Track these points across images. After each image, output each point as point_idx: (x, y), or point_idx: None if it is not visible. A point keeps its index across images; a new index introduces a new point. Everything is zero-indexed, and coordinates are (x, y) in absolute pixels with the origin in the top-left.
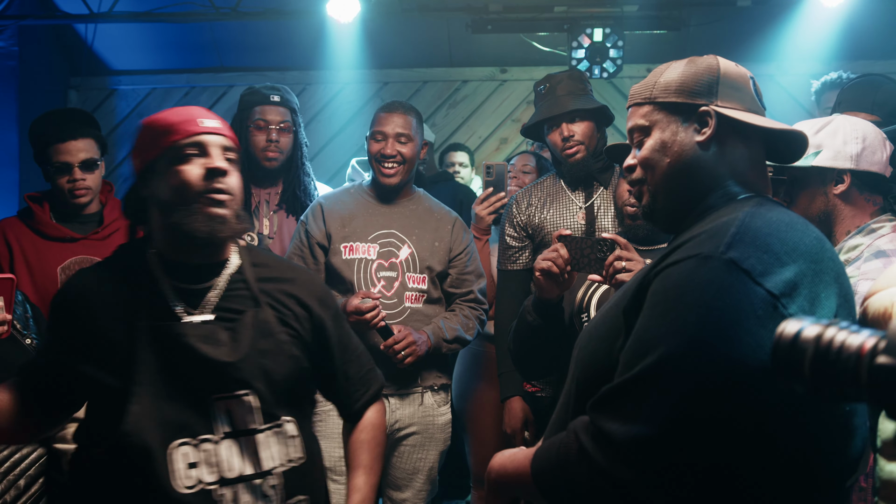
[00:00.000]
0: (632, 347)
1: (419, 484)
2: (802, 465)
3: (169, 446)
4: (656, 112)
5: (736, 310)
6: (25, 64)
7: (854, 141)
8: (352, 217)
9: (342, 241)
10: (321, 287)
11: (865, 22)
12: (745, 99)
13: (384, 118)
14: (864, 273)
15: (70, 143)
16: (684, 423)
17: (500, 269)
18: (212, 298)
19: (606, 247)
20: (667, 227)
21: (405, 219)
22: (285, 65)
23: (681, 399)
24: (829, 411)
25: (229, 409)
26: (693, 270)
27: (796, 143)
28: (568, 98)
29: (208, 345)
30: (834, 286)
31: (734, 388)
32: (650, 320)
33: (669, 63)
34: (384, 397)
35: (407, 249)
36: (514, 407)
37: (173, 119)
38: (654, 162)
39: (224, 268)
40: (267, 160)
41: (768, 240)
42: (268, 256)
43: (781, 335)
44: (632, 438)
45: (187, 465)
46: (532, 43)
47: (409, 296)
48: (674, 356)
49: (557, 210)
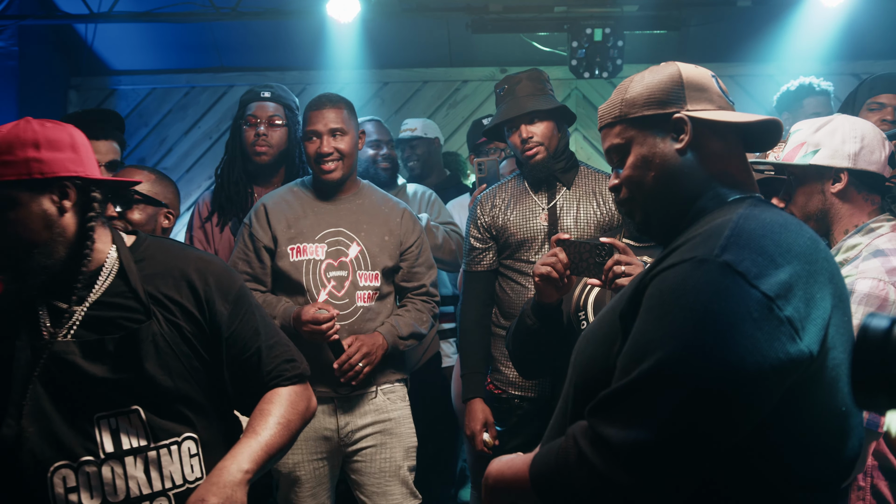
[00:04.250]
0: (629, 352)
1: (392, 487)
2: (800, 466)
3: (48, 470)
4: (629, 129)
5: (732, 313)
6: (25, 64)
7: (852, 140)
8: (297, 217)
9: (289, 243)
10: (218, 273)
11: (865, 22)
12: (713, 98)
13: (314, 116)
14: (861, 272)
15: (97, 143)
16: (682, 426)
17: (464, 270)
18: (88, 311)
19: (605, 251)
20: (664, 238)
21: (352, 215)
22: (285, 65)
23: (678, 403)
24: (827, 412)
25: (115, 427)
26: (689, 274)
27: (771, 131)
28: (527, 99)
29: (90, 361)
30: (829, 287)
31: (731, 391)
32: (646, 324)
33: (630, 78)
34: (331, 402)
35: (356, 247)
36: (475, 408)
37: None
38: (638, 178)
39: (98, 276)
40: (256, 154)
41: (762, 242)
42: (155, 246)
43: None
44: (630, 443)
45: (66, 490)
46: (532, 43)
47: (361, 294)
48: (671, 360)
49: (521, 211)
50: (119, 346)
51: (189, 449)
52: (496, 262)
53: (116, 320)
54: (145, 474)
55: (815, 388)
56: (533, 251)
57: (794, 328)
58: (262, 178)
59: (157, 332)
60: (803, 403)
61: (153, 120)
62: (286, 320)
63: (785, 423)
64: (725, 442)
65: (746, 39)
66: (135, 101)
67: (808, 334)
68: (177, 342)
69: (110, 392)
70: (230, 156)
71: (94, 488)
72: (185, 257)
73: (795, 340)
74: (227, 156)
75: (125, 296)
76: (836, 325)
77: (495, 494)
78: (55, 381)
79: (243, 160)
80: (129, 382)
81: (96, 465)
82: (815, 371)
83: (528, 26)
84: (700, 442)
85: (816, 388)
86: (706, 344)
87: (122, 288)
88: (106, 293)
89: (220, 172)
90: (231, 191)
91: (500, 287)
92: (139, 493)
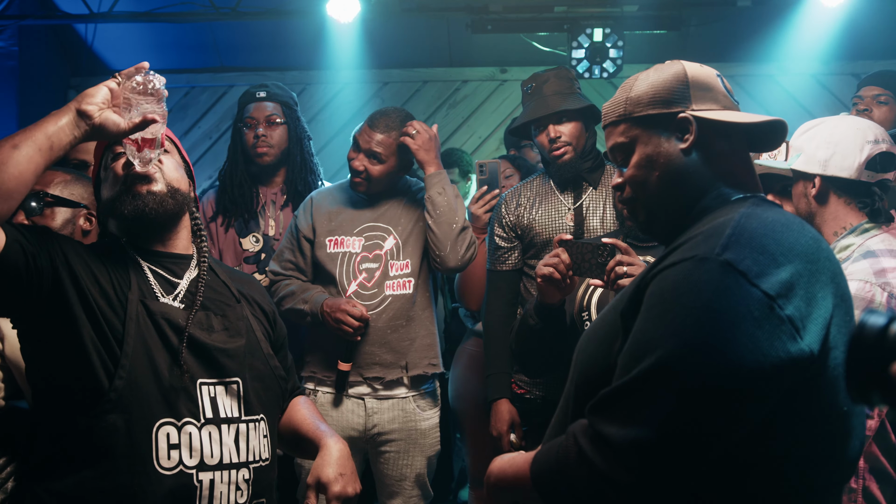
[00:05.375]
0: (629, 350)
1: (409, 490)
2: (802, 466)
3: (154, 425)
4: (634, 128)
5: (732, 311)
6: (25, 64)
7: (825, 146)
8: (339, 211)
9: (328, 235)
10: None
11: (865, 22)
12: (718, 98)
13: (364, 129)
14: (850, 273)
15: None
16: (682, 424)
17: (489, 269)
18: (191, 287)
19: (607, 252)
20: (666, 238)
21: (392, 209)
22: (285, 65)
23: (679, 401)
24: (828, 412)
25: (214, 395)
26: (690, 272)
27: (776, 132)
28: (555, 98)
29: (203, 330)
30: (830, 286)
31: (732, 389)
32: (647, 322)
33: (635, 76)
34: (361, 398)
35: (392, 240)
36: (502, 409)
37: None
38: (642, 178)
39: (192, 259)
40: (257, 156)
41: (763, 241)
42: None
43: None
44: (630, 441)
45: (169, 446)
46: (532, 43)
47: (391, 284)
48: (671, 358)
49: (546, 211)
50: (222, 321)
51: (263, 429)
52: (521, 261)
53: (213, 300)
54: (235, 444)
55: (816, 387)
56: None
57: (794, 327)
58: (266, 177)
59: (247, 316)
60: (805, 403)
61: None
62: (316, 307)
63: (786, 423)
64: (725, 440)
65: (746, 39)
66: None
67: (809, 333)
68: (259, 330)
69: (216, 361)
70: (232, 159)
71: (193, 449)
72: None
73: (796, 339)
74: (228, 160)
75: (217, 283)
76: (838, 324)
77: (497, 492)
78: (168, 341)
79: (245, 162)
80: (233, 355)
81: (197, 427)
82: (816, 370)
83: (528, 26)
84: (700, 440)
85: (818, 387)
86: (706, 342)
87: (212, 277)
88: (202, 273)
89: (223, 176)
90: (235, 193)
91: (524, 287)
92: (229, 460)
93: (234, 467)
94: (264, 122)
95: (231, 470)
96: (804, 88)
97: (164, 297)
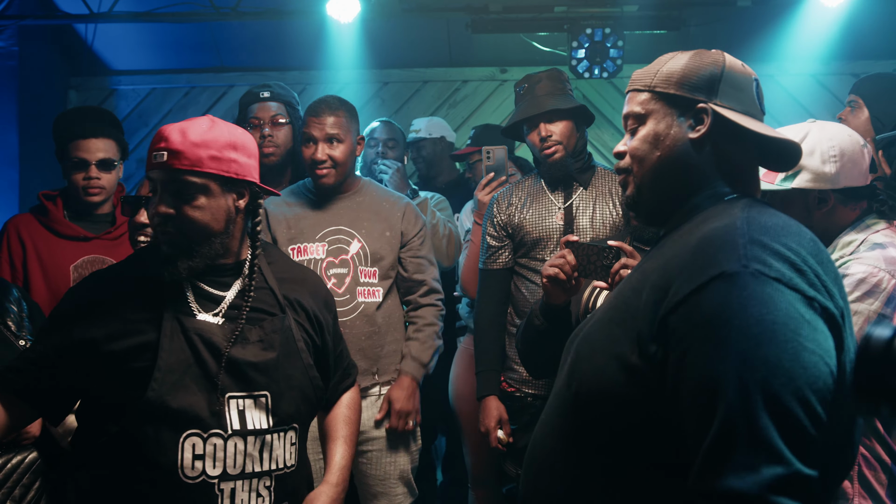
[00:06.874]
0: (697, 397)
1: (394, 489)
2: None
3: (181, 435)
4: (654, 101)
5: (788, 318)
6: (25, 64)
7: (831, 161)
8: (297, 218)
9: (289, 244)
10: (325, 289)
11: (865, 22)
12: (744, 100)
13: (312, 121)
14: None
15: (91, 140)
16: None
17: (481, 268)
18: (234, 298)
19: (612, 254)
20: (649, 220)
21: (352, 212)
22: (285, 65)
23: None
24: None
25: (242, 408)
26: (726, 292)
27: (789, 153)
28: (546, 98)
29: (231, 343)
30: (835, 287)
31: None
32: (703, 358)
33: (676, 52)
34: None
35: (357, 244)
36: (490, 406)
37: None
38: (644, 153)
39: (242, 267)
40: (264, 156)
41: (775, 246)
42: (278, 254)
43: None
44: (769, 482)
45: (194, 456)
46: (532, 43)
47: (362, 290)
48: (752, 386)
49: (536, 210)
50: (258, 333)
51: (292, 437)
52: (512, 260)
53: (255, 310)
54: (259, 454)
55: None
56: (548, 250)
57: (836, 323)
58: (272, 178)
59: (289, 326)
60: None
61: (153, 120)
62: None
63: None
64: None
65: (746, 39)
66: (135, 101)
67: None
68: (301, 339)
69: (245, 375)
70: None
71: (217, 459)
72: (302, 267)
73: (841, 334)
74: None
75: (263, 291)
76: (848, 324)
77: None
78: (199, 356)
79: None
80: (263, 368)
81: (223, 438)
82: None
83: (528, 26)
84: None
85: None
86: (776, 356)
87: (260, 284)
88: (247, 286)
89: None
90: None
91: (514, 286)
92: (252, 469)
93: (255, 476)
94: (269, 122)
95: (253, 479)
96: (804, 88)
97: (201, 312)
